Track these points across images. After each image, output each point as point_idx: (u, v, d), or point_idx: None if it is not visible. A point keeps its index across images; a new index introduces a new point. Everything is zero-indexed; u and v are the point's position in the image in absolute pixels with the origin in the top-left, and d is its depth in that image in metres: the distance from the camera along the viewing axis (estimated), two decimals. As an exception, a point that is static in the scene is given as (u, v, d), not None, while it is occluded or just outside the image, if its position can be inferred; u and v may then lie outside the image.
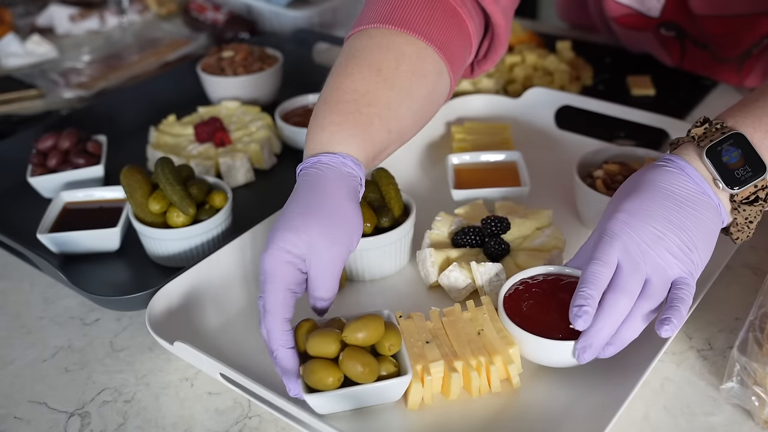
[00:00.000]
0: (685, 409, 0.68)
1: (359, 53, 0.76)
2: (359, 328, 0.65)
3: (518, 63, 1.29)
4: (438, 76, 0.79)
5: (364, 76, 0.74)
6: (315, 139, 0.73)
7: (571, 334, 0.67)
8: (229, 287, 0.81)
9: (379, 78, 0.74)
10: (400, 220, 0.84)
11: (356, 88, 0.74)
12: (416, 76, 0.77)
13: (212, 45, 1.46)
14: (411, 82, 0.76)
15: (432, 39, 0.77)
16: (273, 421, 0.69)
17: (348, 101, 0.73)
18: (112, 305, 0.80)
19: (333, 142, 0.72)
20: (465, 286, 0.79)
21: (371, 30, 0.78)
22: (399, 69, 0.75)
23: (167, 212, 0.85)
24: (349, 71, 0.75)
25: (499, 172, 0.96)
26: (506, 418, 0.67)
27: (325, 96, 0.75)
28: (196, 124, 1.07)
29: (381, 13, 0.78)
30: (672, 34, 1.18)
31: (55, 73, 1.35)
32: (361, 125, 0.73)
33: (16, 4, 1.66)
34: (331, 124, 0.72)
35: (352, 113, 0.73)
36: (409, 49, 0.76)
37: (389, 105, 0.75)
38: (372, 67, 0.75)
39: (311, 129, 0.74)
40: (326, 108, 0.74)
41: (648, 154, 0.91)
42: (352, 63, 0.76)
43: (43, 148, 1.02)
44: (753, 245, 0.87)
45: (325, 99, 0.75)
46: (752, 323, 0.66)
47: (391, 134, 0.76)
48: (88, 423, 0.70)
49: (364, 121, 0.73)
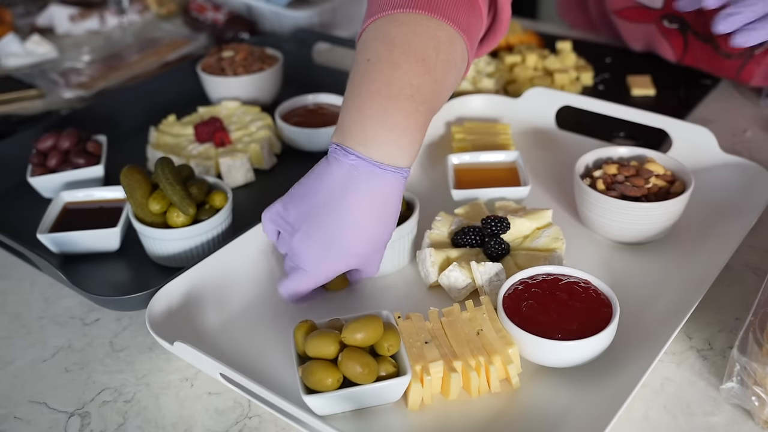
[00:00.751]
0: (685, 409, 0.68)
1: (398, 40, 0.72)
2: (358, 329, 0.65)
3: (518, 63, 1.29)
4: (462, 61, 0.77)
5: (412, 68, 0.71)
6: (378, 138, 0.70)
7: (571, 334, 0.67)
8: (229, 287, 0.81)
9: (424, 70, 0.72)
10: (404, 216, 0.84)
11: (411, 83, 0.71)
12: (450, 65, 0.75)
13: (212, 45, 1.46)
14: (446, 72, 0.74)
15: (459, 24, 0.75)
16: (273, 421, 0.69)
17: (406, 97, 0.70)
18: (112, 305, 0.80)
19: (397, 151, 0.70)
20: (465, 286, 0.79)
21: (399, 15, 0.73)
22: (438, 58, 0.73)
23: (167, 212, 0.85)
24: (395, 61, 0.71)
25: (499, 172, 0.96)
26: (506, 419, 0.67)
27: (378, 86, 0.71)
28: (196, 124, 1.07)
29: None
30: (675, 26, 1.18)
31: (55, 73, 1.35)
32: (420, 127, 0.72)
33: (16, 4, 1.66)
34: (397, 127, 0.70)
35: (413, 113, 0.70)
36: (443, 35, 0.73)
37: (435, 100, 0.73)
38: (417, 58, 0.71)
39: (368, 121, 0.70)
40: (385, 104, 0.70)
41: (648, 154, 0.91)
42: (396, 52, 0.72)
43: (43, 148, 1.02)
44: (752, 245, 0.87)
45: (379, 90, 0.70)
46: (752, 323, 0.66)
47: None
48: (88, 423, 0.70)
49: (422, 121, 0.72)
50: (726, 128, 1.12)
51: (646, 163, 0.90)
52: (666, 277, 0.82)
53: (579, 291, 0.71)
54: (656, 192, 0.86)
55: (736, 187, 0.92)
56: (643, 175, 0.87)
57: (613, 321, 0.68)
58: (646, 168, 0.88)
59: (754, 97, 1.20)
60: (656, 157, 0.91)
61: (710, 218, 0.89)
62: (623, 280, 0.81)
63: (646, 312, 0.77)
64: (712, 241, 0.85)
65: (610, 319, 0.68)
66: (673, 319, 0.72)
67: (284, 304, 0.80)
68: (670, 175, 0.88)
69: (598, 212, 0.86)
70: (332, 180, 0.71)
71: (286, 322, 0.77)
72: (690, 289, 0.76)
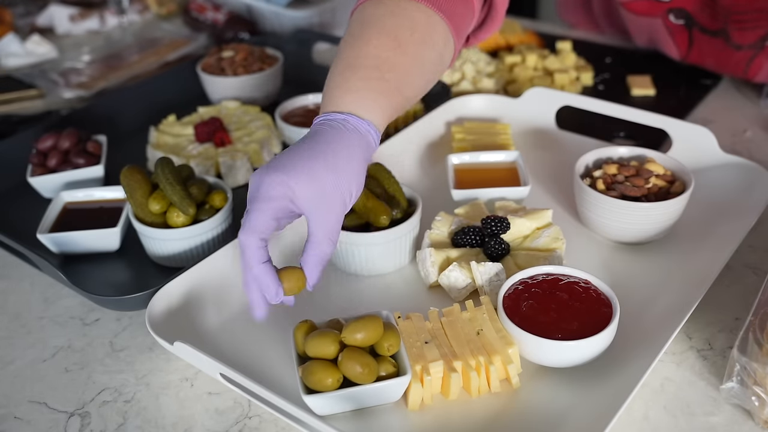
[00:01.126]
0: (685, 409, 0.68)
1: (374, 20, 0.77)
2: (358, 329, 0.65)
3: (518, 63, 1.29)
4: (444, 44, 0.80)
5: (382, 42, 0.75)
6: (339, 98, 0.73)
7: (571, 334, 0.67)
8: (229, 287, 0.81)
9: (395, 45, 0.75)
10: (406, 214, 0.84)
11: (378, 54, 0.74)
12: (427, 45, 0.77)
13: (212, 45, 1.46)
14: (423, 50, 0.77)
15: (441, 8, 0.78)
16: (273, 421, 0.69)
17: (370, 67, 0.74)
18: (112, 305, 0.80)
19: (360, 108, 0.72)
20: (465, 286, 0.79)
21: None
22: (413, 36, 0.76)
23: (167, 212, 0.85)
24: (366, 38, 0.75)
25: (499, 172, 0.96)
26: (506, 419, 0.67)
27: (346, 60, 0.75)
28: (196, 124, 1.07)
29: None
30: (681, 22, 1.18)
31: (55, 73, 1.35)
32: (384, 93, 0.74)
33: (16, 4, 1.66)
34: (358, 89, 0.73)
35: (377, 80, 0.73)
36: (421, 17, 0.77)
37: (406, 72, 0.76)
38: (390, 35, 0.75)
39: (333, 89, 0.74)
40: (350, 72, 0.74)
41: (648, 154, 0.91)
42: (368, 30, 0.76)
43: (43, 148, 1.02)
44: (752, 245, 0.87)
45: (346, 63, 0.75)
46: (752, 323, 0.66)
47: (405, 101, 0.77)
48: (88, 423, 0.70)
49: (387, 88, 0.74)
50: (726, 128, 1.12)
51: (646, 163, 0.90)
52: (666, 277, 0.82)
53: (579, 291, 0.71)
54: (656, 192, 0.86)
55: (736, 187, 0.92)
56: (643, 175, 0.87)
57: (613, 321, 0.68)
58: (646, 168, 0.88)
59: (754, 97, 1.20)
60: (656, 157, 0.90)
61: (710, 218, 0.89)
62: (623, 280, 0.81)
63: (646, 312, 0.77)
64: (712, 241, 0.85)
65: (610, 319, 0.68)
66: (673, 319, 0.72)
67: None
68: (670, 175, 0.88)
69: (598, 212, 0.86)
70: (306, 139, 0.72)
71: (286, 322, 0.77)
72: (690, 289, 0.76)
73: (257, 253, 0.67)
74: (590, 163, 0.92)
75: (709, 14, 1.13)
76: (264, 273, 0.67)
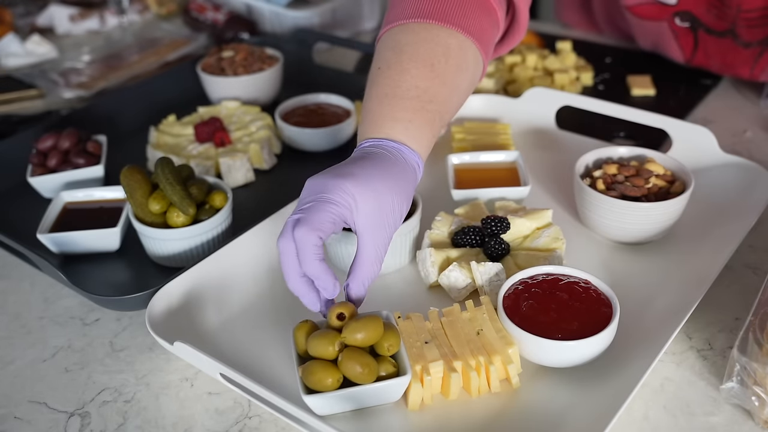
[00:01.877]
0: (685, 409, 0.68)
1: (408, 48, 0.77)
2: (358, 329, 0.65)
3: (518, 63, 1.29)
4: (475, 66, 0.81)
5: (420, 72, 0.76)
6: (387, 127, 0.74)
7: (571, 334, 0.67)
8: (229, 287, 0.81)
9: (433, 74, 0.76)
10: (407, 213, 0.84)
11: (417, 85, 0.75)
12: (461, 70, 0.79)
13: (212, 45, 1.46)
14: (457, 76, 0.78)
15: (470, 31, 0.79)
16: (273, 421, 0.69)
17: (412, 98, 0.75)
18: (112, 305, 0.80)
19: (410, 139, 0.74)
20: (465, 285, 0.79)
21: (412, 24, 0.79)
22: (448, 63, 0.77)
23: (167, 212, 0.85)
24: (404, 67, 0.76)
25: (499, 172, 0.96)
26: (506, 419, 0.67)
27: (384, 89, 0.76)
28: (196, 124, 1.07)
29: (418, 8, 0.79)
30: (686, 24, 1.18)
31: (55, 73, 1.35)
32: (428, 123, 0.75)
33: (16, 4, 1.66)
34: (404, 120, 0.74)
35: (419, 111, 0.75)
36: (453, 42, 0.78)
37: (445, 101, 0.77)
38: (426, 63, 0.76)
39: (377, 116, 0.75)
40: (392, 102, 0.75)
41: (648, 154, 0.91)
42: (405, 58, 0.77)
43: (43, 148, 1.02)
44: (752, 245, 0.87)
45: (386, 93, 0.75)
46: (752, 323, 0.66)
47: (443, 127, 0.79)
48: (88, 423, 0.70)
49: (430, 119, 0.75)
50: (726, 128, 1.12)
51: (646, 163, 0.90)
52: (666, 277, 0.82)
53: (579, 291, 0.71)
54: (656, 192, 0.86)
55: (736, 187, 0.92)
56: (643, 175, 0.87)
57: (613, 321, 0.68)
58: (646, 168, 0.88)
59: (754, 97, 1.20)
60: (656, 157, 0.90)
61: (710, 218, 0.89)
62: (623, 280, 0.81)
63: (646, 312, 0.77)
64: (712, 241, 0.85)
65: (610, 319, 0.68)
66: (673, 319, 0.72)
67: (284, 304, 0.80)
68: (670, 175, 0.88)
69: (598, 212, 0.86)
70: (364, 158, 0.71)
71: (286, 322, 0.77)
72: (690, 289, 0.76)
73: (316, 251, 0.66)
74: (590, 163, 0.92)
75: (716, 15, 1.13)
76: (323, 270, 0.67)
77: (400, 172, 0.71)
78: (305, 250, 0.66)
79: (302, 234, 0.65)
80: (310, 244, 0.66)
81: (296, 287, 0.68)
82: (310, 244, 0.65)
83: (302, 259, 0.66)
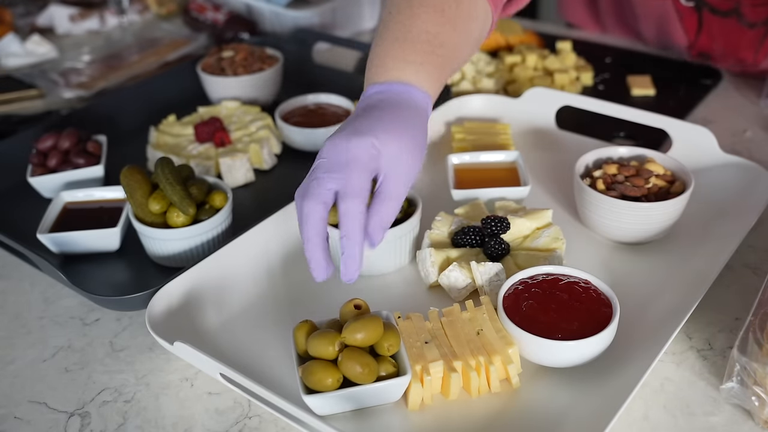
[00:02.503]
0: (685, 409, 0.68)
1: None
2: (358, 329, 0.65)
3: (518, 63, 1.29)
4: (485, 17, 0.81)
5: (430, 17, 0.75)
6: (396, 69, 0.73)
7: (571, 334, 0.67)
8: (229, 287, 0.81)
9: (444, 19, 0.76)
10: (406, 214, 0.84)
11: (428, 29, 0.75)
12: (471, 18, 0.78)
13: (212, 45, 1.46)
14: (468, 25, 0.78)
15: None
16: (273, 421, 0.69)
17: (423, 41, 0.74)
18: (112, 305, 0.80)
19: (419, 80, 0.73)
20: (465, 285, 0.79)
21: None
22: (459, 9, 0.77)
23: (167, 212, 0.85)
24: (415, 12, 0.76)
25: (499, 172, 0.96)
26: (506, 418, 0.67)
27: (395, 33, 0.75)
28: (196, 124, 1.07)
29: None
30: (691, 4, 1.17)
31: (55, 73, 1.35)
32: (438, 67, 0.75)
33: (16, 4, 1.66)
34: (414, 62, 0.73)
35: (429, 54, 0.74)
36: None
37: (455, 47, 0.77)
38: (437, 8, 0.76)
39: (385, 59, 0.74)
40: (403, 46, 0.74)
41: (648, 154, 0.91)
42: (415, 3, 0.76)
43: (43, 148, 1.02)
44: (752, 245, 0.87)
45: (395, 36, 0.75)
46: (752, 323, 0.66)
47: (451, 74, 0.78)
48: (88, 423, 0.70)
49: (440, 63, 0.75)
50: (726, 128, 1.12)
51: (646, 163, 0.90)
52: (666, 277, 0.82)
53: (579, 291, 0.71)
54: (656, 192, 0.86)
55: (736, 187, 0.92)
56: (643, 175, 0.87)
57: (613, 321, 0.68)
58: (646, 168, 0.88)
59: (754, 97, 1.20)
60: (656, 157, 0.91)
61: (710, 218, 0.89)
62: (623, 280, 0.81)
63: (646, 312, 0.77)
64: (712, 241, 0.85)
65: (610, 319, 0.68)
66: (673, 319, 0.72)
67: (284, 304, 0.80)
68: (670, 175, 0.88)
69: (598, 212, 0.86)
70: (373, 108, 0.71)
71: (286, 322, 0.77)
72: (690, 289, 0.76)
73: (361, 220, 0.65)
74: (590, 163, 0.92)
75: None
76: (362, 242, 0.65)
77: (414, 110, 0.71)
78: (351, 222, 0.65)
79: (347, 206, 0.65)
80: (357, 213, 0.65)
81: (316, 254, 0.66)
82: (356, 213, 0.65)
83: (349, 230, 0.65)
